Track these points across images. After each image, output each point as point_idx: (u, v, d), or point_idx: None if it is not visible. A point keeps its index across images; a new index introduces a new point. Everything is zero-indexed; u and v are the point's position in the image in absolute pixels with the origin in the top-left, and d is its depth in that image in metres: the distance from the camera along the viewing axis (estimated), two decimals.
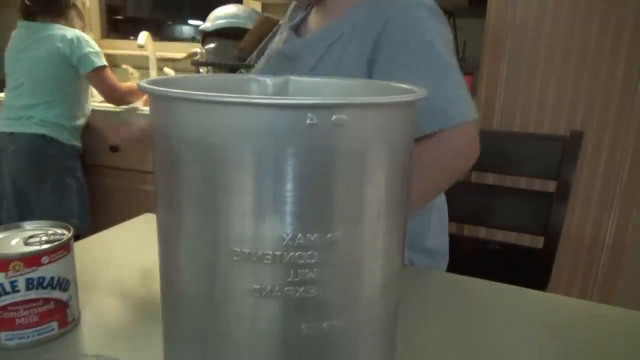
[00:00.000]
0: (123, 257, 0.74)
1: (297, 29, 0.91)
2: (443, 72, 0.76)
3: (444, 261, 0.96)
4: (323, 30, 0.82)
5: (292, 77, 0.48)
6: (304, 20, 0.90)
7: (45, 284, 0.51)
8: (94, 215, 1.87)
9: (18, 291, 0.49)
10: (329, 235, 0.31)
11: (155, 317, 0.40)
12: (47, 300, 0.51)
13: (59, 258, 0.51)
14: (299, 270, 0.31)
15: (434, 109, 0.74)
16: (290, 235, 0.31)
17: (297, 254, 0.31)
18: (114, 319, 0.57)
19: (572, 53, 1.51)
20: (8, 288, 0.49)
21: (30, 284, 0.50)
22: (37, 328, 0.51)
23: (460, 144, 0.78)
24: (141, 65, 2.21)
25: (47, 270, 0.50)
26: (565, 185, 1.05)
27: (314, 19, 0.88)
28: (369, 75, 0.78)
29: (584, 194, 1.59)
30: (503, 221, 1.13)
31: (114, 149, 1.76)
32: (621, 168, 1.55)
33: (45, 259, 0.50)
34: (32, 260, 0.49)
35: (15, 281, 0.49)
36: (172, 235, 0.35)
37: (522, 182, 1.43)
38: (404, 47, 0.75)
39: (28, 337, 0.51)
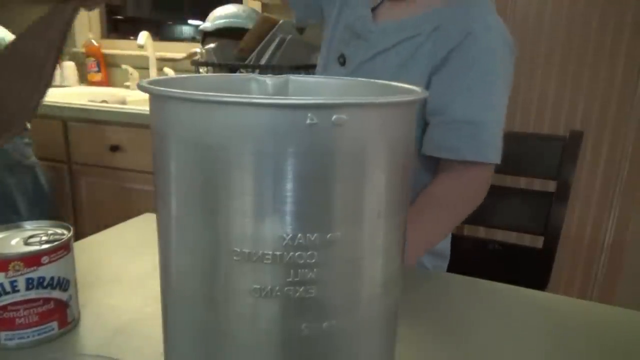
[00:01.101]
0: (123, 257, 0.74)
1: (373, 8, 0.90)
2: (496, 108, 0.78)
3: (447, 260, 0.98)
4: (401, 23, 0.82)
5: (292, 77, 0.48)
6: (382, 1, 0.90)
7: (45, 283, 0.51)
8: (94, 215, 1.87)
9: (18, 291, 0.49)
10: (329, 235, 0.31)
11: (156, 317, 0.40)
12: (47, 300, 0.51)
13: (59, 258, 0.51)
14: (299, 270, 0.31)
15: (478, 140, 0.77)
16: (290, 235, 0.31)
17: (297, 254, 0.31)
18: (114, 319, 0.57)
19: (572, 51, 1.51)
20: (8, 288, 0.49)
21: (30, 284, 0.50)
22: (37, 328, 0.51)
23: (488, 181, 0.82)
24: (141, 65, 2.21)
25: (47, 270, 0.50)
26: (565, 185, 1.05)
27: (392, 5, 0.87)
28: (428, 81, 0.79)
29: (584, 194, 1.59)
30: (503, 221, 1.13)
31: (114, 148, 1.76)
32: (621, 168, 1.55)
33: (45, 259, 0.50)
34: (32, 260, 0.49)
35: (15, 281, 0.49)
36: (172, 235, 0.35)
37: (522, 182, 1.43)
38: (471, 68, 0.77)
39: (28, 337, 0.51)
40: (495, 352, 0.55)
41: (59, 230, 0.55)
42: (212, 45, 1.78)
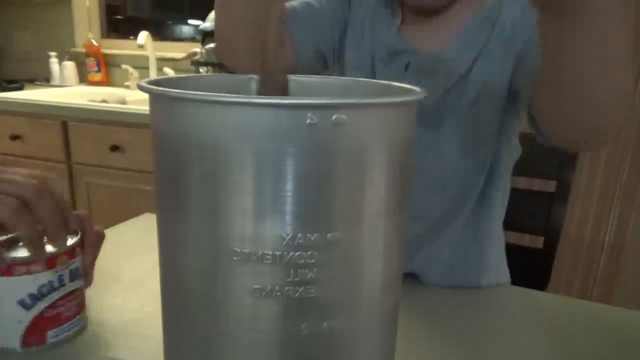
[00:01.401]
0: (123, 257, 0.74)
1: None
2: None
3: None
4: (440, 55, 0.70)
5: (292, 77, 0.48)
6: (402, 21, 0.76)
7: (79, 274, 0.53)
8: (94, 215, 1.87)
9: (64, 285, 0.50)
10: (329, 235, 0.31)
11: (156, 317, 0.40)
12: (79, 290, 0.53)
13: (81, 251, 0.54)
14: (299, 270, 0.31)
15: None
16: (290, 235, 0.31)
17: (297, 254, 0.31)
18: (114, 319, 0.57)
19: None
20: (56, 283, 0.50)
21: (72, 276, 0.51)
22: (75, 320, 0.53)
23: None
24: (141, 65, 2.21)
25: (78, 261, 0.53)
26: (565, 185, 1.05)
27: (418, 22, 0.73)
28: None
29: (584, 194, 1.59)
30: (503, 221, 1.13)
31: (114, 148, 1.76)
32: (621, 168, 1.55)
33: (77, 250, 0.52)
34: (71, 252, 0.51)
35: (62, 275, 0.50)
36: (172, 235, 0.35)
37: (522, 182, 1.43)
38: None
39: (69, 329, 0.52)
40: (495, 352, 0.55)
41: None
42: (212, 45, 1.78)
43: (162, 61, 2.17)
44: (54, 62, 2.30)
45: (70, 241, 0.51)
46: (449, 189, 0.72)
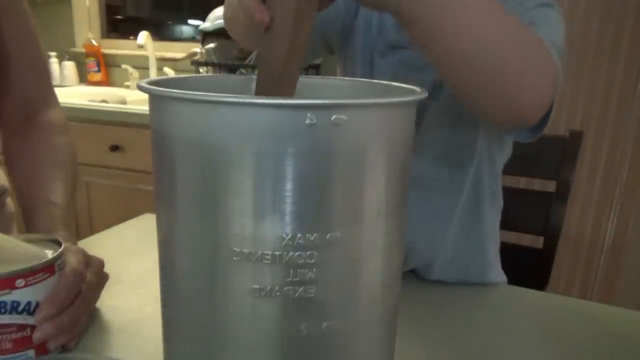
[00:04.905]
0: (123, 257, 0.74)
1: None
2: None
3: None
4: None
5: None
6: None
7: (20, 309, 0.45)
8: (93, 215, 1.87)
9: None
10: (328, 235, 0.31)
11: (156, 317, 0.40)
12: (22, 327, 0.46)
13: (38, 281, 0.46)
14: (299, 270, 0.31)
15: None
16: (290, 235, 0.31)
17: (296, 254, 0.31)
18: (114, 319, 0.57)
19: (572, 52, 1.51)
20: None
21: (2, 308, 0.44)
22: (10, 355, 0.46)
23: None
24: (141, 65, 2.21)
25: (22, 294, 0.45)
26: (565, 185, 1.05)
27: None
28: None
29: (583, 194, 1.59)
30: (503, 221, 1.13)
31: (114, 148, 1.76)
32: (621, 168, 1.55)
33: (20, 282, 0.45)
34: (3, 282, 0.44)
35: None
36: (172, 236, 0.35)
37: (522, 182, 1.43)
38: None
39: None
40: (495, 353, 0.55)
41: (46, 248, 0.49)
42: (212, 45, 1.78)
43: (162, 61, 2.17)
44: (54, 62, 2.30)
45: (13, 268, 0.45)
46: (432, 189, 0.71)
